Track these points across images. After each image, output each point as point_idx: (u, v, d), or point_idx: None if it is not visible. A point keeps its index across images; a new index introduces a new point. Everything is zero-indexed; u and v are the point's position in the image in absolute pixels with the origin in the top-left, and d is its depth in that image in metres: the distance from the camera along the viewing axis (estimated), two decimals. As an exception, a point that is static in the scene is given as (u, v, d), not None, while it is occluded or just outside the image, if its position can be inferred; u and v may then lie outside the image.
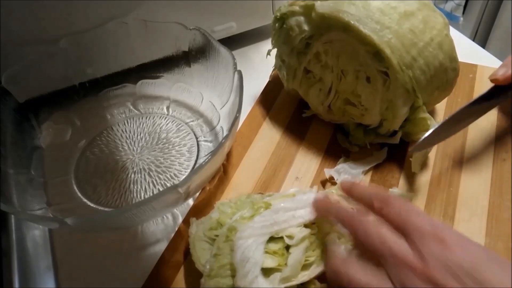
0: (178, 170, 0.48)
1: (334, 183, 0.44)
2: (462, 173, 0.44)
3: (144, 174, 0.47)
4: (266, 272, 0.34)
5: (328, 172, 0.44)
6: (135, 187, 0.46)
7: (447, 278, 0.26)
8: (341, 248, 0.33)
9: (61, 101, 0.53)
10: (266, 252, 0.34)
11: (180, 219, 0.44)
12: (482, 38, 1.35)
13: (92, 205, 0.45)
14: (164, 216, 0.44)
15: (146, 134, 0.52)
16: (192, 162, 0.48)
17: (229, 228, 0.36)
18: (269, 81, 0.57)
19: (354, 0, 0.40)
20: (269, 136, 0.50)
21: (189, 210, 0.43)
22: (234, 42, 0.62)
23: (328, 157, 0.47)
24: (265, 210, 0.36)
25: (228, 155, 0.47)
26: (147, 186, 0.46)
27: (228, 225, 0.37)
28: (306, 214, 0.36)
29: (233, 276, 0.34)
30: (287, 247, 0.35)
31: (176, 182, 0.46)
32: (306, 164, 0.47)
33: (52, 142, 0.51)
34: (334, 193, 0.40)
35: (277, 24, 0.47)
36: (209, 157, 0.36)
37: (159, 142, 0.51)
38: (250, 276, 0.33)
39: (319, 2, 0.42)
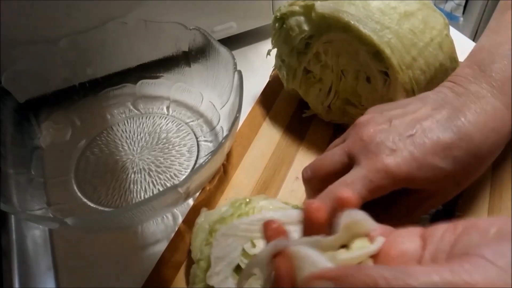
0: (178, 170, 0.48)
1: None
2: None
3: (144, 174, 0.47)
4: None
5: None
6: (135, 187, 0.46)
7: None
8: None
9: (61, 101, 0.53)
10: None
11: (180, 219, 0.44)
12: (482, 38, 1.35)
13: (92, 205, 0.45)
14: (164, 216, 0.44)
15: (146, 134, 0.52)
16: (192, 162, 0.48)
17: (210, 231, 0.36)
18: (269, 81, 0.57)
19: (354, 0, 0.40)
20: (269, 136, 0.50)
21: (189, 210, 0.43)
22: (234, 42, 0.62)
23: (328, 157, 0.47)
24: (255, 214, 0.36)
25: (228, 155, 0.47)
26: (147, 186, 0.46)
27: (210, 227, 0.37)
28: (293, 231, 0.36)
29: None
30: None
31: (176, 182, 0.46)
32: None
33: (52, 142, 0.51)
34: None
35: (277, 24, 0.47)
36: (209, 157, 0.36)
37: (159, 142, 0.51)
38: (222, 276, 0.33)
39: (319, 2, 0.42)
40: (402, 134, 0.32)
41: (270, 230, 0.26)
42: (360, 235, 0.25)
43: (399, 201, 0.34)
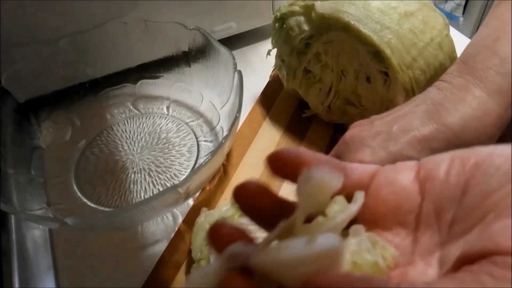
0: (178, 170, 0.48)
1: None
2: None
3: (144, 174, 0.47)
4: None
5: None
6: (135, 187, 0.46)
7: None
8: None
9: (61, 101, 0.53)
10: None
11: (180, 219, 0.44)
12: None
13: (92, 205, 0.45)
14: (164, 216, 0.44)
15: (146, 134, 0.52)
16: (192, 162, 0.48)
17: None
18: (269, 81, 0.57)
19: (354, 0, 0.40)
20: (269, 136, 0.50)
21: (189, 210, 0.43)
22: (234, 42, 0.62)
23: (328, 157, 0.47)
24: None
25: (228, 155, 0.47)
26: (147, 186, 0.46)
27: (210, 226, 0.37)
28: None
29: None
30: None
31: (176, 182, 0.46)
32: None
33: (52, 142, 0.51)
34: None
35: (277, 24, 0.47)
36: (209, 157, 0.36)
37: (159, 142, 0.51)
38: None
39: (319, 2, 0.42)
40: (381, 132, 0.32)
41: (219, 241, 0.19)
42: (333, 194, 0.20)
43: None
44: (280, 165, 0.21)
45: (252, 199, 0.21)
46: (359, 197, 0.20)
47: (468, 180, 0.17)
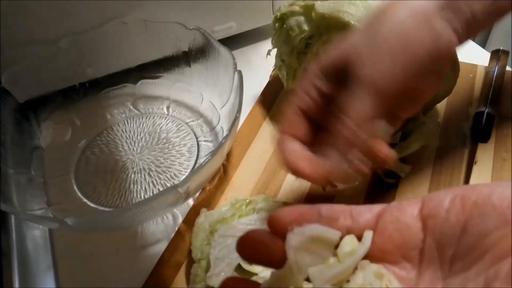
0: (178, 170, 0.48)
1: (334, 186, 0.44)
2: (462, 173, 0.44)
3: (144, 174, 0.47)
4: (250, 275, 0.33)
5: None
6: (135, 187, 0.46)
7: None
8: None
9: (61, 101, 0.53)
10: None
11: (180, 219, 0.44)
12: (482, 38, 1.34)
13: (92, 205, 0.45)
14: (164, 216, 0.44)
15: (146, 134, 0.52)
16: (192, 162, 0.48)
17: (211, 231, 0.36)
18: (269, 81, 0.57)
19: (354, 0, 0.40)
20: (269, 136, 0.50)
21: (189, 210, 0.43)
22: (234, 42, 0.62)
23: (328, 157, 0.47)
24: (253, 215, 0.36)
25: (228, 155, 0.47)
26: (147, 186, 0.46)
27: (210, 227, 0.37)
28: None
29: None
30: None
31: (176, 182, 0.46)
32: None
33: (52, 142, 0.51)
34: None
35: (277, 24, 0.47)
36: (209, 157, 0.36)
37: (159, 142, 0.51)
38: (223, 276, 0.33)
39: (319, 2, 0.42)
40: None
41: None
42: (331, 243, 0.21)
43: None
44: (283, 224, 0.21)
45: (255, 251, 0.21)
46: (368, 237, 0.21)
47: (467, 220, 0.18)
